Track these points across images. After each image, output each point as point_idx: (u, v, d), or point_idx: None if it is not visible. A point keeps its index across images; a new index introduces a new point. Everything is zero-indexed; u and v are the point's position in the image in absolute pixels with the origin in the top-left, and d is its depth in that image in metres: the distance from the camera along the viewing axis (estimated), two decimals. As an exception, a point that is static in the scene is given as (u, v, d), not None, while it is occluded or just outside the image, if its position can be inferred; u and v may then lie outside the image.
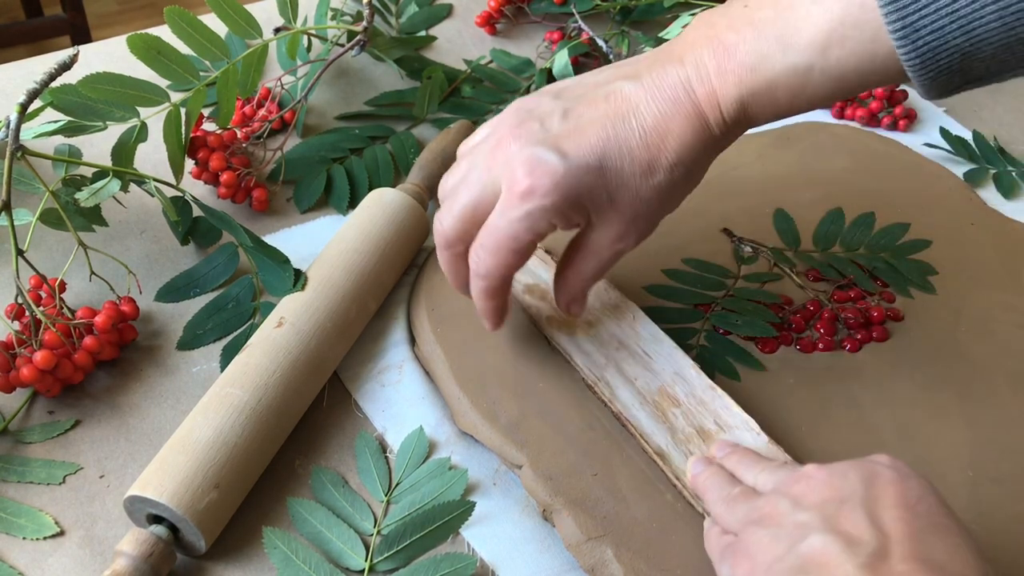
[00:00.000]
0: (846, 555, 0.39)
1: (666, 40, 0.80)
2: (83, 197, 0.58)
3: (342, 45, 0.77)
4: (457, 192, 0.51)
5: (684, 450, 0.53)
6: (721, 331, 0.62)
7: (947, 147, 0.79)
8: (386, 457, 0.56)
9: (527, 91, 0.81)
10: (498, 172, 0.49)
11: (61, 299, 0.58)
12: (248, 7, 0.72)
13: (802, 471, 0.45)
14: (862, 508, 0.41)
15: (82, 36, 2.10)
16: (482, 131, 0.53)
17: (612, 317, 0.59)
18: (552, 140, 0.49)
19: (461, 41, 0.88)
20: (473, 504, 0.52)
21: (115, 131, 0.63)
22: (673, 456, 0.53)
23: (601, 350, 0.58)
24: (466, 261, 0.52)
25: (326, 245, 0.63)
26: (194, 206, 0.65)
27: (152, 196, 0.61)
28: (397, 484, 0.54)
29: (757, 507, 0.45)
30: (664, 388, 0.56)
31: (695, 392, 0.56)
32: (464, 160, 0.52)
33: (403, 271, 0.66)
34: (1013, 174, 0.78)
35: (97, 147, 0.68)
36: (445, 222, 0.52)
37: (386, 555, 0.50)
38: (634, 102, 0.49)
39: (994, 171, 0.78)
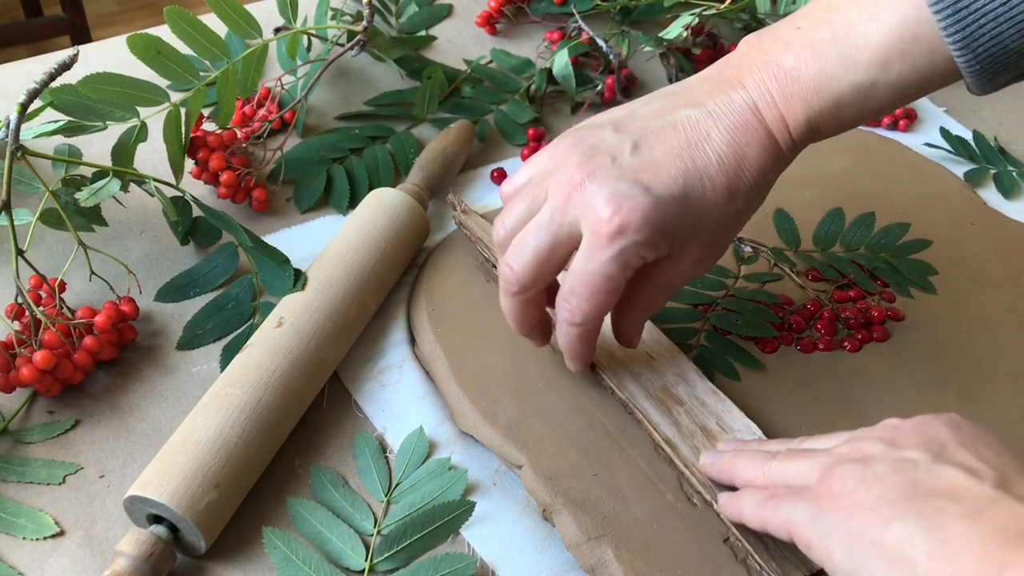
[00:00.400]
0: (973, 480, 0.39)
1: (666, 40, 0.80)
2: (83, 197, 0.58)
3: (342, 45, 0.77)
4: (525, 236, 0.49)
5: (691, 444, 0.53)
6: (721, 331, 0.62)
7: (947, 147, 0.79)
8: (386, 457, 0.56)
9: (527, 91, 0.81)
10: (575, 213, 0.48)
11: (61, 299, 0.58)
12: (248, 7, 0.72)
13: (879, 425, 0.45)
14: (963, 447, 0.41)
15: (82, 36, 2.10)
16: (530, 168, 0.51)
17: None
18: (631, 175, 0.47)
19: (461, 41, 0.88)
20: (473, 504, 0.52)
21: (115, 131, 0.63)
22: (681, 447, 0.53)
23: (604, 346, 0.58)
24: (536, 305, 0.52)
25: (326, 245, 0.63)
26: (194, 206, 0.65)
27: (152, 196, 0.61)
28: (397, 484, 0.54)
29: (838, 454, 0.44)
30: (667, 387, 0.56)
31: (697, 394, 0.56)
32: (520, 201, 0.50)
33: (403, 271, 0.66)
34: (1013, 174, 0.78)
35: (97, 147, 0.68)
36: (517, 267, 0.50)
37: (386, 555, 0.50)
38: (704, 130, 0.48)
39: (994, 171, 0.78)
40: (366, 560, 0.50)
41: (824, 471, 0.43)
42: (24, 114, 0.58)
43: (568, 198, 0.48)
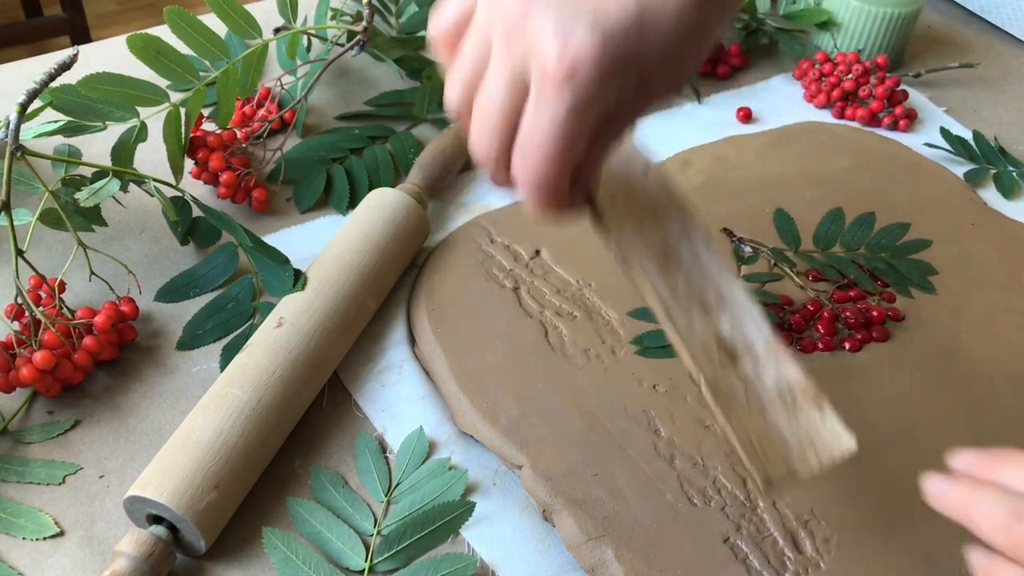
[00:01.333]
0: None
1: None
2: (83, 197, 0.58)
3: (342, 45, 0.77)
4: (481, 98, 0.42)
5: (687, 315, 0.46)
6: (721, 331, 0.62)
7: (947, 147, 0.79)
8: (386, 457, 0.56)
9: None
10: (522, 55, 0.40)
11: (61, 299, 0.58)
12: (248, 7, 0.72)
13: None
14: None
15: (82, 36, 2.10)
16: (454, 2, 0.43)
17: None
18: (574, 9, 0.39)
19: (461, 41, 0.88)
20: (473, 504, 0.52)
21: (115, 131, 0.63)
22: (678, 315, 0.46)
23: (605, 186, 0.48)
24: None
25: (326, 245, 0.63)
26: (194, 206, 0.65)
27: (152, 196, 0.61)
28: (397, 484, 0.54)
29: None
30: (668, 242, 0.48)
31: (699, 258, 0.48)
32: (467, 51, 0.42)
33: (403, 271, 0.66)
34: (1014, 174, 0.78)
35: (97, 147, 0.68)
36: (484, 140, 0.42)
37: (386, 555, 0.50)
38: None
39: (995, 171, 0.78)
40: (366, 560, 0.50)
41: None
42: (24, 114, 0.58)
43: (510, 40, 0.40)
